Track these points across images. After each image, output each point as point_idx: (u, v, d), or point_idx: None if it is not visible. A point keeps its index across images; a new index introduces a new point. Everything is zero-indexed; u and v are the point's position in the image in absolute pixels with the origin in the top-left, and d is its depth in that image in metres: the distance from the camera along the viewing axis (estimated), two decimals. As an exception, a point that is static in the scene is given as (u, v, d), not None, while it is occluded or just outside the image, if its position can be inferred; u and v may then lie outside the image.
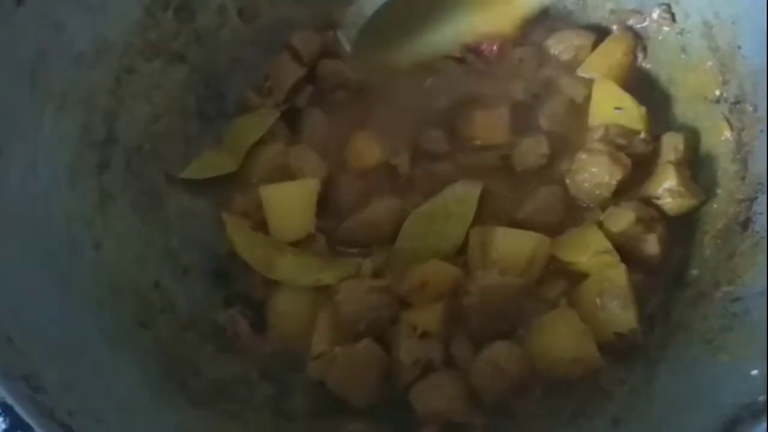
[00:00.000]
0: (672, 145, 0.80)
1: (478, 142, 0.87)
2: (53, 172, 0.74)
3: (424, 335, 0.71)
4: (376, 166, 0.87)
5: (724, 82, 0.81)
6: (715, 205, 0.77)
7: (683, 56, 0.87)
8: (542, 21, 0.93)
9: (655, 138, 0.82)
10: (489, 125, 0.86)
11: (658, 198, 0.78)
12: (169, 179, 0.87)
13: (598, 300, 0.72)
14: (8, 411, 0.49)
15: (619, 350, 0.70)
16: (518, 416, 0.70)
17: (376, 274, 0.78)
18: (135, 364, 0.67)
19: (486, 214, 0.80)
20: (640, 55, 0.90)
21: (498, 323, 0.73)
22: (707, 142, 0.82)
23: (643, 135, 0.81)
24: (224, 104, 0.96)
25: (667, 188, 0.78)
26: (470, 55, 0.93)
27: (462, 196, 0.80)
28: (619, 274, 0.72)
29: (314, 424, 0.71)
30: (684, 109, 0.86)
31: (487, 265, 0.74)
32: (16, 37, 0.71)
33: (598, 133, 0.81)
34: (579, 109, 0.86)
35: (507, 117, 0.87)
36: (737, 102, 0.79)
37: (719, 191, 0.78)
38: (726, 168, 0.78)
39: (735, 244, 0.72)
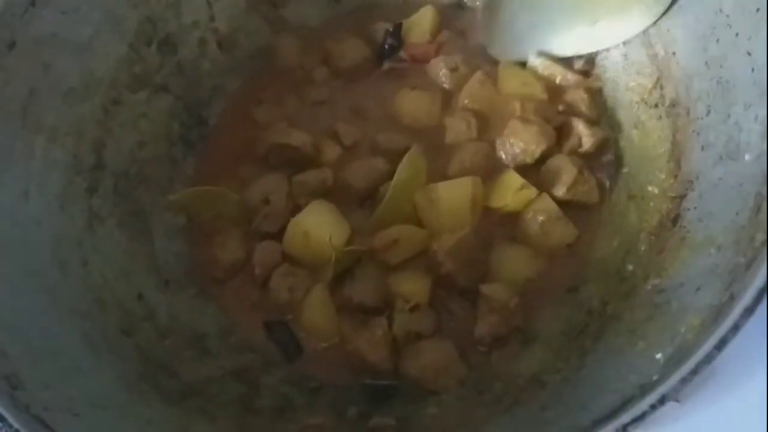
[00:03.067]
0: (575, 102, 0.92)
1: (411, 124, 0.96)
2: (44, 197, 0.80)
3: (415, 308, 0.80)
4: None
5: (662, 87, 0.86)
6: (652, 203, 0.82)
7: (626, 64, 0.92)
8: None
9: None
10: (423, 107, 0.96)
11: (580, 146, 0.88)
12: (154, 200, 0.94)
13: (540, 229, 0.84)
14: None
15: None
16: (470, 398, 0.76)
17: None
18: (114, 366, 0.73)
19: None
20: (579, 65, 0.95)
21: (474, 272, 0.83)
22: (647, 144, 0.87)
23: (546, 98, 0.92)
24: (206, 129, 1.04)
25: (580, 134, 0.88)
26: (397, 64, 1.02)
27: (412, 166, 0.87)
28: (544, 202, 0.84)
29: (278, 418, 0.77)
30: (628, 114, 0.91)
31: (440, 219, 0.84)
32: (8, 77, 0.78)
33: (515, 105, 0.91)
34: (491, 86, 0.96)
35: (439, 99, 0.96)
36: (673, 105, 0.84)
37: (656, 190, 0.82)
38: (662, 167, 0.83)
39: (665, 239, 0.76)
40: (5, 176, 0.77)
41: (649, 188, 0.83)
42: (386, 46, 1.04)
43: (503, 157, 0.90)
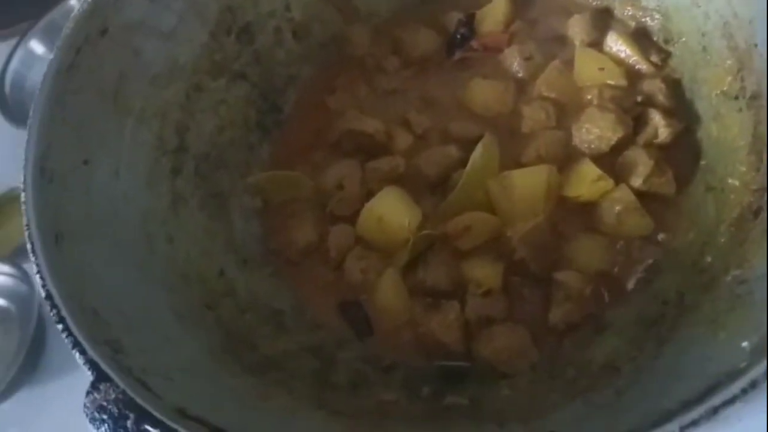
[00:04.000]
0: (653, 91, 0.92)
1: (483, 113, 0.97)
2: (133, 177, 0.85)
3: (487, 293, 0.81)
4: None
5: (742, 79, 0.84)
6: (732, 196, 0.80)
7: (705, 56, 0.91)
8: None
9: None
10: (496, 96, 0.97)
11: (656, 137, 0.88)
12: (232, 183, 0.98)
13: (616, 219, 0.83)
14: (94, 366, 0.60)
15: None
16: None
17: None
18: (199, 337, 0.77)
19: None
20: (656, 57, 0.95)
21: (546, 259, 0.83)
22: (728, 136, 0.85)
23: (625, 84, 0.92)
24: (281, 116, 1.08)
25: (657, 125, 0.88)
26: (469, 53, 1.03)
27: (486, 154, 0.88)
28: (622, 193, 0.84)
29: (353, 393, 0.79)
30: (706, 106, 0.90)
31: (514, 206, 0.85)
32: (100, 62, 0.83)
33: (592, 93, 0.91)
34: (568, 74, 0.95)
35: (513, 88, 0.97)
36: (754, 97, 0.82)
37: (737, 183, 0.81)
38: (743, 160, 0.81)
39: (747, 231, 0.75)
40: (99, 154, 0.82)
41: (730, 181, 0.82)
42: (458, 36, 1.05)
43: (578, 144, 0.90)
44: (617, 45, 0.97)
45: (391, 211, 0.89)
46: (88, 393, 0.59)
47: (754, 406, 0.78)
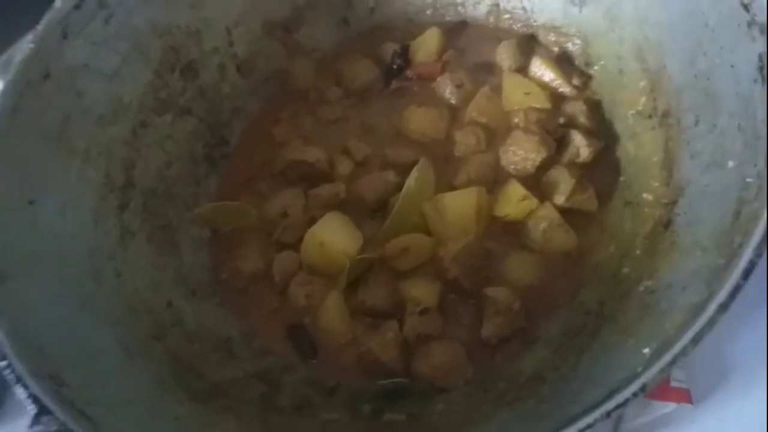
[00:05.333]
0: (575, 113, 0.97)
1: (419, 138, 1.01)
2: (79, 214, 0.86)
3: (424, 311, 0.85)
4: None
5: (655, 99, 0.91)
6: (646, 210, 0.86)
7: (622, 78, 0.97)
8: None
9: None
10: (431, 123, 1.01)
11: (578, 157, 0.93)
12: (180, 215, 1.01)
13: (542, 236, 0.88)
14: (36, 400, 0.62)
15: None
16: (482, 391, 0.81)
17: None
18: (146, 368, 0.79)
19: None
20: (578, 80, 1.00)
21: (478, 276, 0.87)
22: (643, 153, 0.91)
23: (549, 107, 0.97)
24: (227, 148, 1.10)
25: (578, 145, 0.92)
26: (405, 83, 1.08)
27: (421, 178, 0.91)
28: (547, 211, 0.88)
29: (297, 415, 0.82)
30: (624, 125, 0.96)
31: (447, 227, 0.89)
32: (43, 106, 0.84)
33: (519, 117, 0.96)
34: (497, 100, 1.00)
35: (446, 115, 1.01)
36: (665, 116, 0.88)
37: (650, 197, 0.87)
38: (656, 175, 0.87)
39: (658, 243, 0.80)
40: (44, 194, 0.83)
41: (644, 195, 0.87)
42: (394, 66, 1.10)
43: (506, 166, 0.94)
44: (541, 69, 1.02)
45: (333, 236, 0.92)
46: (31, 425, 0.62)
47: (705, 408, 0.84)
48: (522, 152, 0.93)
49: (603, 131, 0.97)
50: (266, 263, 0.97)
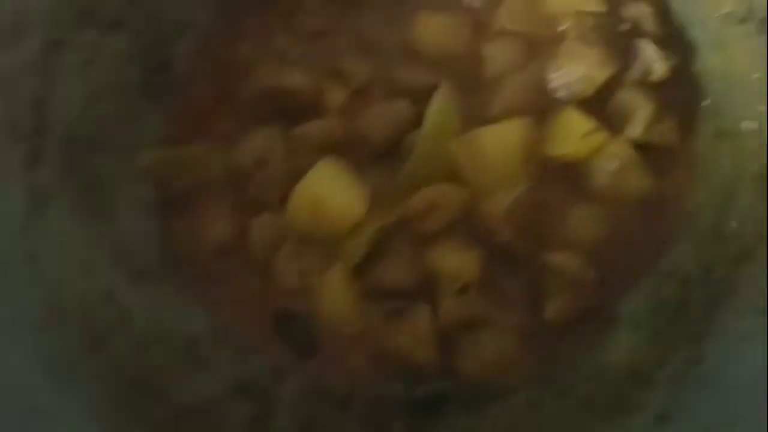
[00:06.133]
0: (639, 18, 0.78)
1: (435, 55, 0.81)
2: None
3: (465, 289, 0.67)
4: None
5: (750, -1, 0.72)
6: (749, 142, 0.69)
7: (698, -33, 0.76)
8: None
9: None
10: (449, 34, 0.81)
11: (650, 74, 0.74)
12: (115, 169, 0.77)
13: (612, 180, 0.71)
14: None
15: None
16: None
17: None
18: (84, 398, 0.59)
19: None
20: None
21: (534, 238, 0.70)
22: (736, 69, 0.73)
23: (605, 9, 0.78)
24: (173, 76, 0.87)
25: (649, 59, 0.74)
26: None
27: (444, 108, 0.73)
28: (618, 146, 0.71)
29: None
30: (704, 33, 0.77)
31: (486, 174, 0.71)
32: None
33: (567, 23, 0.78)
34: (536, 1, 0.81)
35: (469, 23, 0.81)
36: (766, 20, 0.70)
37: (754, 126, 0.69)
38: (760, 98, 0.69)
39: (779, 188, 0.62)
40: None
41: (745, 124, 0.70)
42: (393, -40, 0.87)
43: (557, 89, 0.76)
44: (590, -40, 0.80)
45: (331, 192, 0.72)
46: None
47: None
48: (580, 69, 0.74)
49: (676, 41, 0.78)
50: (238, 231, 0.76)
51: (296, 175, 0.73)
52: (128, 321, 0.68)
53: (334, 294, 0.70)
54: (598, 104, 0.74)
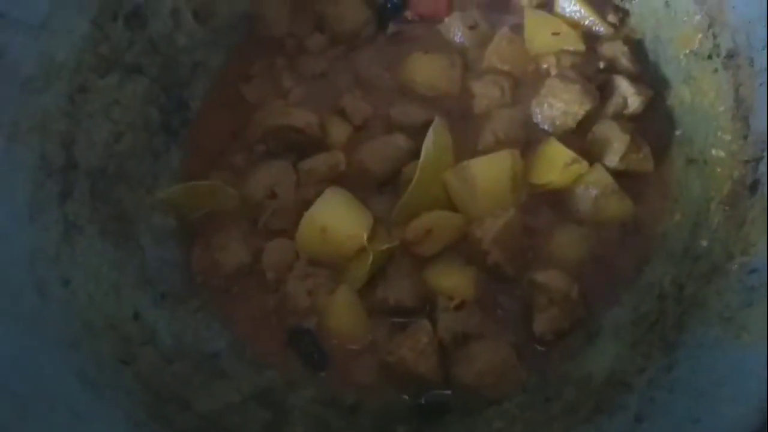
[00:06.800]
0: (615, 56, 0.83)
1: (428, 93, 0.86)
2: (11, 207, 0.68)
3: (461, 306, 0.71)
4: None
5: (715, 36, 0.76)
6: (719, 169, 0.73)
7: (669, 12, 0.82)
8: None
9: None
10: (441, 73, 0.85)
11: (626, 107, 0.79)
12: (138, 200, 0.81)
13: (593, 206, 0.75)
14: None
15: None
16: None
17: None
18: (115, 404, 0.63)
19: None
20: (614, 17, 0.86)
21: (522, 259, 0.74)
22: (704, 101, 0.78)
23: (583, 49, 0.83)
24: (189, 114, 0.92)
25: (625, 93, 0.79)
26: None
27: (438, 142, 0.76)
28: (598, 175, 0.75)
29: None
30: (675, 69, 0.82)
31: (477, 201, 0.74)
32: None
33: (549, 62, 0.81)
34: (519, 42, 0.86)
35: (459, 62, 0.85)
36: (731, 56, 0.74)
37: (722, 153, 0.73)
38: (727, 128, 0.73)
39: (744, 210, 0.67)
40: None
41: (713, 152, 0.74)
42: (389, 5, 0.93)
43: (540, 122, 0.81)
44: (570, 5, 0.87)
45: (337, 219, 0.76)
46: None
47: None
48: (561, 104, 0.79)
49: (649, 76, 0.84)
50: (253, 255, 0.80)
51: (305, 203, 0.78)
52: (154, 338, 0.72)
53: (342, 312, 0.74)
54: (579, 136, 0.79)
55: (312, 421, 0.70)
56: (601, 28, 0.86)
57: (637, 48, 0.85)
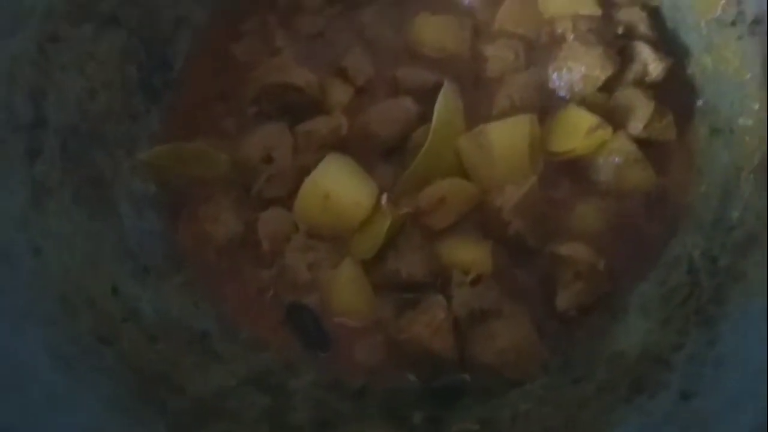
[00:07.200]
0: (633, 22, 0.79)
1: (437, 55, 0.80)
2: None
3: (477, 281, 0.66)
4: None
5: (739, 2, 0.73)
6: (747, 138, 0.69)
7: (688, -25, 0.78)
8: None
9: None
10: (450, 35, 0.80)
11: (646, 75, 0.76)
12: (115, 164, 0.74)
13: (615, 175, 0.71)
14: None
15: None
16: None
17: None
18: (97, 388, 0.55)
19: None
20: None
21: (543, 229, 0.69)
22: (728, 69, 0.74)
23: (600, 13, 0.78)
24: (172, 73, 0.84)
25: (645, 60, 0.76)
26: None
27: (449, 106, 0.72)
28: (621, 143, 0.71)
29: (324, 435, 0.60)
30: (695, 36, 0.78)
31: (494, 168, 0.70)
32: None
33: (564, 26, 0.77)
34: (532, 5, 0.81)
35: (469, 24, 0.81)
36: (756, 22, 0.71)
37: (749, 122, 0.70)
38: (753, 95, 0.70)
39: (777, 179, 0.63)
40: None
41: (741, 121, 0.70)
42: (391, -39, 0.86)
43: (557, 87, 0.76)
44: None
45: (340, 186, 0.70)
46: None
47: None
48: (582, 68, 0.74)
49: (667, 44, 0.79)
50: (246, 225, 0.74)
51: (303, 170, 0.72)
52: (136, 315, 0.65)
53: (346, 287, 0.68)
54: (599, 102, 0.75)
55: (315, 406, 0.63)
56: (617, -11, 0.81)
57: (655, 14, 0.81)
